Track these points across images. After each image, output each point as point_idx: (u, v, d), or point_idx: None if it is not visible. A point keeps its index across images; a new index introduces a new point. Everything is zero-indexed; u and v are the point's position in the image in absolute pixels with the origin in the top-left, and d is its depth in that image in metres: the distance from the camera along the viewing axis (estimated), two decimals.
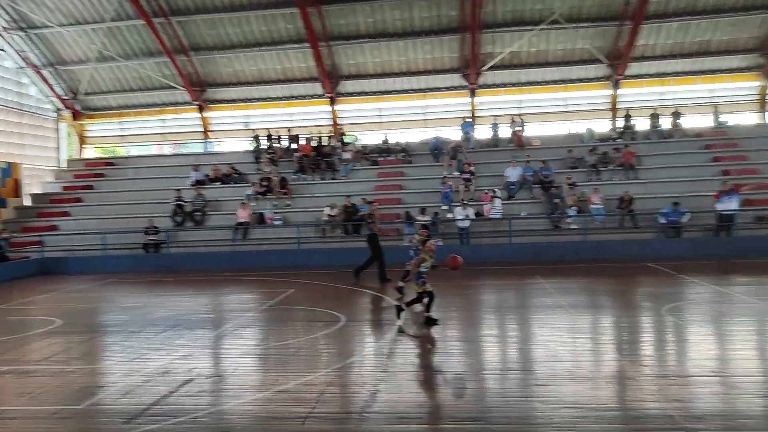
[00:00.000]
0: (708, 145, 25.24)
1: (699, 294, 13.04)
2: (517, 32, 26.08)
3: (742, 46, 26.25)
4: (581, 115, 28.05)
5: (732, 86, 27.49)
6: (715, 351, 8.50)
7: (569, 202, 22.28)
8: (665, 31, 25.72)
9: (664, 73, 27.36)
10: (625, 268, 17.49)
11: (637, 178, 23.87)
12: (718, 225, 20.92)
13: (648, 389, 6.66)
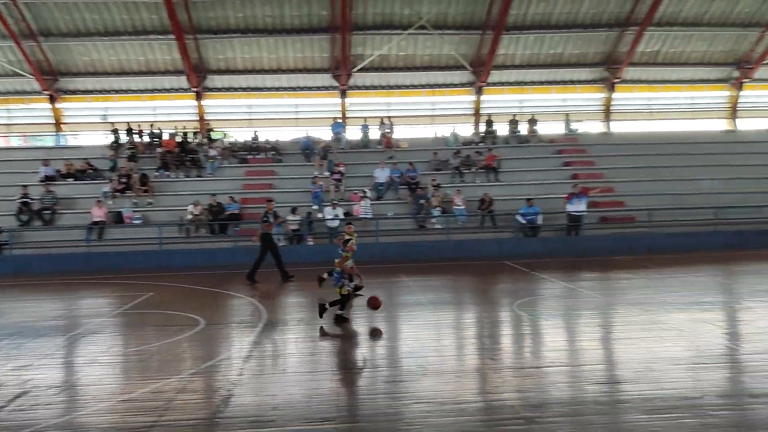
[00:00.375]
0: (560, 150, 27.13)
1: (548, 290, 13.94)
2: (387, 35, 26.61)
3: (590, 60, 28.49)
4: (447, 119, 29.14)
5: (582, 97, 29.78)
6: (557, 343, 9.11)
7: (434, 202, 23.03)
8: (523, 42, 27.34)
9: (522, 81, 29.08)
10: (484, 265, 18.35)
11: (497, 180, 25.13)
12: (568, 225, 22.51)
13: (494, 381, 7.00)
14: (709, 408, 5.95)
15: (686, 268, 16.76)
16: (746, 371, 7.24)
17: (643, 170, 26.00)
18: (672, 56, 28.66)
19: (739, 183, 25.26)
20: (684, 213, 23.36)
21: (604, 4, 26.04)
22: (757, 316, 10.61)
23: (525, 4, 25.68)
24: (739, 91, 29.73)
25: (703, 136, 28.86)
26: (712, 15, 26.91)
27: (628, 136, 28.59)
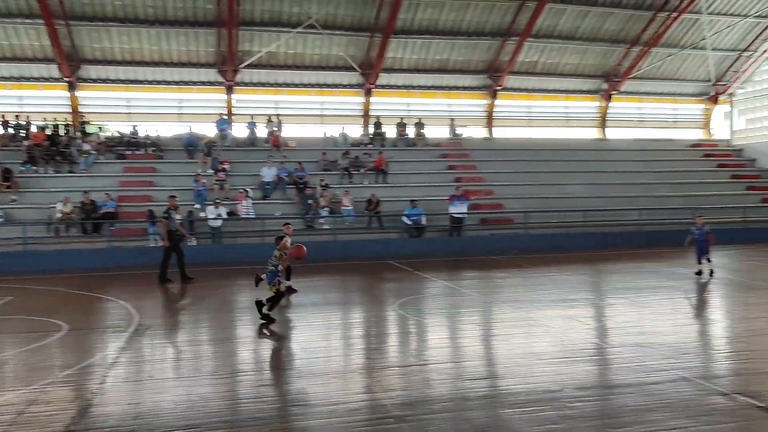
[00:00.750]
0: (445, 154, 27.90)
1: (429, 289, 14.28)
2: (275, 32, 26.17)
3: (474, 68, 29.50)
4: (336, 120, 29.08)
5: (466, 102, 30.75)
6: (433, 341, 9.34)
7: (322, 203, 22.96)
8: (411, 46, 27.84)
9: (410, 85, 29.59)
10: (370, 265, 18.52)
11: (385, 182, 25.45)
12: (451, 226, 23.19)
13: (369, 381, 7.05)
14: (567, 400, 6.30)
15: (557, 268, 17.74)
16: (604, 364, 7.74)
17: (521, 174, 27.30)
18: (549, 67, 30.25)
19: (606, 188, 27.13)
20: (556, 215, 24.76)
21: (487, 14, 27.05)
22: (617, 312, 11.42)
23: (413, 9, 26.16)
24: (607, 102, 31.89)
25: (576, 143, 30.76)
26: (584, 30, 28.70)
27: (508, 142, 29.89)
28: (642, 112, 33.23)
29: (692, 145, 32.54)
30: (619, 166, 29.06)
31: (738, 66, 31.75)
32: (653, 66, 30.93)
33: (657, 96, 32.83)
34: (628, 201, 26.14)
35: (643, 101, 32.91)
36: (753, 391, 6.46)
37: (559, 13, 27.60)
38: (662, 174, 28.95)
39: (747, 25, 29.55)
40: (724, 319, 11.07)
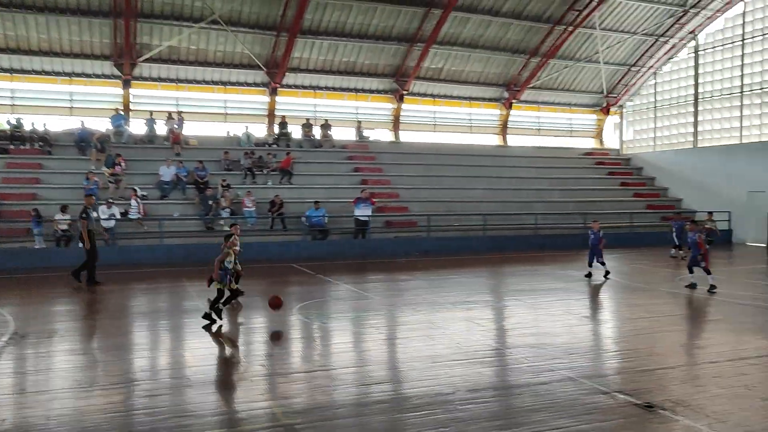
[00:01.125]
0: (351, 156, 27.91)
1: (330, 292, 14.15)
2: (176, 26, 25.23)
3: (381, 71, 29.70)
4: (240, 118, 28.43)
5: (373, 105, 30.88)
6: (330, 346, 9.22)
7: (223, 203, 22.33)
8: (318, 47, 27.65)
9: (317, 86, 29.39)
10: (271, 268, 18.17)
11: (290, 183, 25.10)
12: (356, 228, 23.18)
13: (261, 389, 6.84)
14: (459, 402, 6.36)
15: (458, 270, 18.11)
16: (497, 365, 7.90)
17: (425, 178, 27.77)
18: (453, 74, 30.94)
19: (505, 193, 28.09)
20: (458, 219, 25.32)
21: (393, 19, 27.30)
22: (512, 313, 11.76)
23: (320, 10, 25.99)
24: (508, 110, 33.03)
25: (478, 149, 31.64)
26: (487, 39, 29.58)
27: (414, 146, 30.30)
28: (540, 120, 34.64)
29: (585, 153, 34.30)
30: (518, 172, 30.16)
31: (627, 80, 33.76)
32: (551, 77, 32.34)
33: (554, 106, 34.36)
34: (525, 206, 27.16)
35: (542, 110, 34.34)
36: (632, 389, 6.79)
37: (463, 22, 28.28)
38: (557, 180, 30.32)
39: (635, 41, 31.48)
40: (610, 319, 11.65)
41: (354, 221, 22.99)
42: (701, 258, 13.61)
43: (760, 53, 27.63)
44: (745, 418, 5.89)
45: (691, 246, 14.00)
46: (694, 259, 13.82)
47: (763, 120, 27.78)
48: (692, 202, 29.93)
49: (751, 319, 10.91)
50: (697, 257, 13.72)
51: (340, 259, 20.90)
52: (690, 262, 14.04)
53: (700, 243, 13.61)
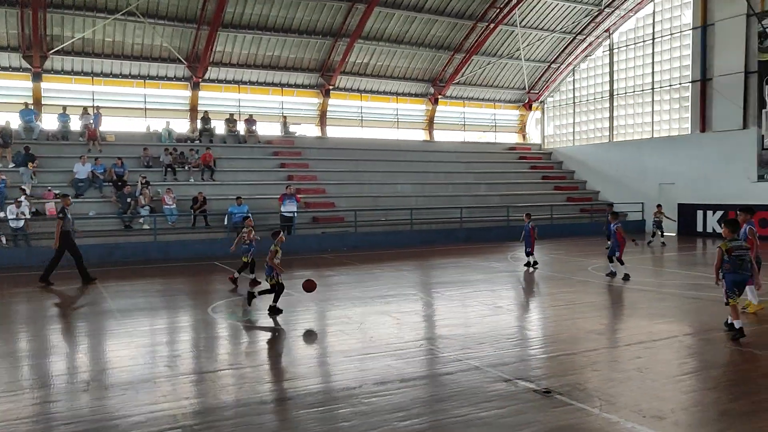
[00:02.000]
0: (277, 152, 27.60)
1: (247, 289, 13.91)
2: (90, 17, 24.23)
3: (306, 66, 29.48)
4: (160, 114, 27.63)
5: (299, 100, 30.65)
6: (240, 345, 9.10)
7: (142, 201, 21.66)
8: (241, 41, 27.17)
9: (241, 81, 28.89)
10: (192, 267, 17.79)
11: (213, 179, 24.61)
12: (282, 224, 22.91)
13: (163, 391, 6.67)
14: (364, 396, 6.39)
15: (383, 265, 18.20)
16: (406, 357, 7.95)
17: (352, 174, 27.79)
18: (379, 69, 31.06)
19: (432, 187, 28.47)
20: (385, 213, 25.49)
21: (318, 13, 27.12)
22: (428, 306, 11.91)
23: (242, 3, 25.53)
24: (434, 106, 33.44)
25: (405, 144, 31.92)
26: (412, 35, 29.83)
27: (341, 141, 30.28)
28: (465, 116, 35.25)
29: (509, 148, 35.17)
30: (445, 166, 30.62)
31: (548, 76, 34.79)
32: (475, 73, 32.94)
33: (479, 101, 35.05)
34: (452, 200, 27.61)
35: (467, 106, 34.95)
36: (532, 376, 7.01)
37: (388, 17, 28.41)
38: (483, 175, 30.96)
39: (554, 39, 32.45)
40: (522, 309, 11.97)
41: (279, 217, 22.76)
42: (617, 248, 14.28)
43: (668, 51, 29.02)
44: (633, 400, 6.18)
45: (611, 236, 14.60)
46: (614, 249, 14.45)
47: (672, 115, 29.23)
48: (609, 194, 31.19)
49: (654, 305, 11.46)
50: (615, 248, 14.37)
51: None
52: (610, 252, 14.66)
53: (619, 233, 14.27)
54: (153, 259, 19.34)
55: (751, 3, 22.03)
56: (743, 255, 8.52)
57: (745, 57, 25.29)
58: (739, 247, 8.57)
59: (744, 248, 8.62)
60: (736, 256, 8.49)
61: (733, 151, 25.61)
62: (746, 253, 8.60)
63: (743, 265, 8.52)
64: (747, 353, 7.95)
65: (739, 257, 8.50)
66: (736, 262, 8.48)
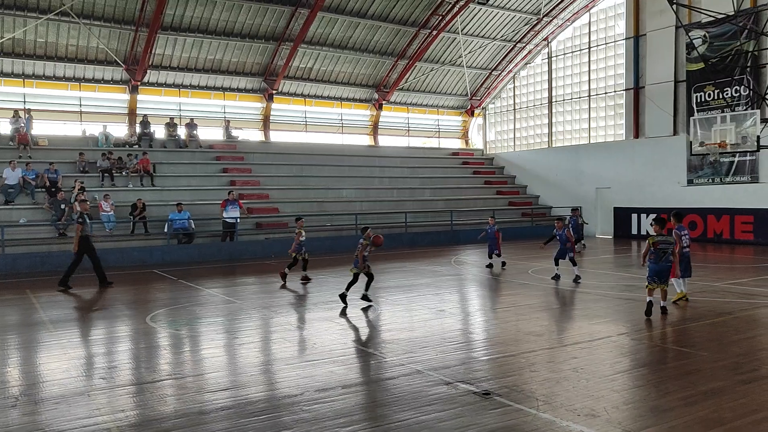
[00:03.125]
0: (219, 156, 27.19)
1: (191, 298, 13.64)
2: (21, 17, 23.30)
3: (249, 70, 29.15)
4: (97, 117, 26.81)
5: (241, 105, 30.26)
6: (181, 354, 8.91)
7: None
8: (181, 44, 26.64)
9: (181, 84, 28.31)
10: (131, 275, 17.32)
11: (153, 185, 24.04)
12: (224, 231, 22.61)
13: (97, 403, 6.47)
14: (306, 403, 6.36)
15: (327, 270, 18.16)
16: (349, 363, 7.98)
17: (296, 179, 27.64)
18: (323, 74, 31.00)
19: (377, 192, 28.59)
20: (330, 218, 25.44)
21: (260, 17, 26.87)
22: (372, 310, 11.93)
23: (182, 5, 25.04)
24: (379, 111, 33.60)
25: (349, 149, 31.93)
26: (356, 41, 29.91)
27: (285, 146, 30.05)
28: (410, 121, 35.55)
29: (452, 153, 35.66)
30: (389, 171, 30.82)
31: (489, 83, 35.47)
32: (418, 79, 33.29)
33: (422, 107, 35.42)
34: (397, 204, 27.80)
35: (411, 111, 35.26)
36: (472, 378, 7.13)
37: (331, 22, 28.40)
38: (426, 179, 31.29)
39: (495, 47, 33.11)
40: (465, 312, 12.16)
41: (222, 223, 22.42)
42: (569, 250, 14.82)
43: (604, 60, 30.04)
44: (569, 399, 6.36)
45: (561, 241, 15.13)
46: (562, 252, 14.89)
47: (607, 122, 30.25)
48: (548, 198, 32.01)
49: (590, 306, 11.82)
50: (564, 251, 14.85)
51: (207, 263, 20.32)
52: (557, 255, 15.11)
53: (569, 237, 14.85)
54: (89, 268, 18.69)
55: (679, 15, 23.04)
56: (666, 248, 10.16)
57: (675, 67, 26.42)
58: (663, 242, 10.18)
59: (668, 242, 10.17)
60: (660, 249, 10.11)
61: (664, 156, 26.68)
62: (669, 248, 10.23)
63: (665, 257, 10.14)
64: (676, 351, 8.31)
65: (662, 250, 10.14)
66: (659, 254, 10.03)
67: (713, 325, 9.92)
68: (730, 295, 12.57)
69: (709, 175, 25.29)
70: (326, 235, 24.64)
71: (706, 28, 24.39)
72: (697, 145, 20.98)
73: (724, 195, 24.64)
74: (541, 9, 30.87)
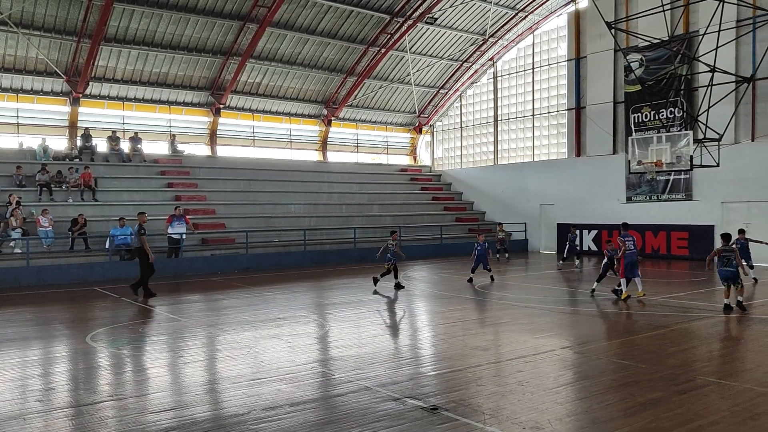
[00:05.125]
0: (163, 171, 26.65)
1: (134, 316, 13.29)
2: None
3: (196, 84, 28.76)
4: (36, 130, 25.93)
5: (188, 119, 29.77)
6: (123, 374, 8.66)
7: (14, 223, 20.15)
8: (126, 56, 26.07)
9: (125, 97, 27.68)
10: (69, 293, 16.74)
11: (94, 199, 23.37)
12: (169, 247, 22.11)
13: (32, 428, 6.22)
14: (252, 422, 6.28)
15: (274, 287, 17.98)
16: (297, 381, 7.90)
17: (243, 194, 27.34)
18: (272, 89, 30.84)
19: (325, 208, 28.55)
20: (278, 234, 25.25)
21: (208, 31, 26.58)
22: (320, 327, 11.88)
23: (126, 17, 24.55)
24: (328, 127, 33.62)
25: (298, 165, 31.81)
26: (305, 57, 29.92)
27: (232, 161, 29.71)
28: (359, 137, 35.69)
29: (401, 169, 35.97)
30: (338, 187, 30.83)
31: (437, 101, 36.01)
32: (367, 96, 33.52)
33: (371, 123, 35.63)
34: (345, 220, 27.80)
35: (360, 128, 35.42)
36: (420, 394, 7.18)
37: (280, 38, 28.35)
38: (375, 195, 31.43)
39: (443, 66, 33.69)
40: (412, 327, 12.24)
41: (167, 239, 21.93)
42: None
43: (547, 80, 30.95)
44: (514, 412, 6.48)
45: (479, 255, 17.96)
46: (482, 259, 17.72)
47: (551, 140, 31.11)
48: (494, 214, 32.60)
49: (535, 320, 12.08)
50: (483, 261, 17.64)
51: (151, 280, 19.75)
52: (475, 265, 17.82)
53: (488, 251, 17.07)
54: (25, 286, 18.01)
55: (617, 39, 23.99)
56: (729, 256, 12.25)
57: (614, 88, 27.44)
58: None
59: (730, 251, 12.34)
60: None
61: (604, 174, 27.59)
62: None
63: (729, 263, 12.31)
64: (616, 363, 8.57)
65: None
66: (722, 260, 12.36)
67: (651, 338, 10.28)
68: (667, 309, 13.05)
69: (647, 193, 26.28)
70: (274, 250, 24.42)
71: (642, 52, 25.46)
72: (635, 163, 21.76)
73: (660, 212, 25.63)
74: (486, 30, 31.61)
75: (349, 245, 26.28)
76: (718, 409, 6.56)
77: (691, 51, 23.76)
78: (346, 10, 27.99)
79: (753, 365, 8.61)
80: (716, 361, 8.78)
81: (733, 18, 22.16)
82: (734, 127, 22.85)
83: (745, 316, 11.95)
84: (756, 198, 22.78)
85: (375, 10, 28.47)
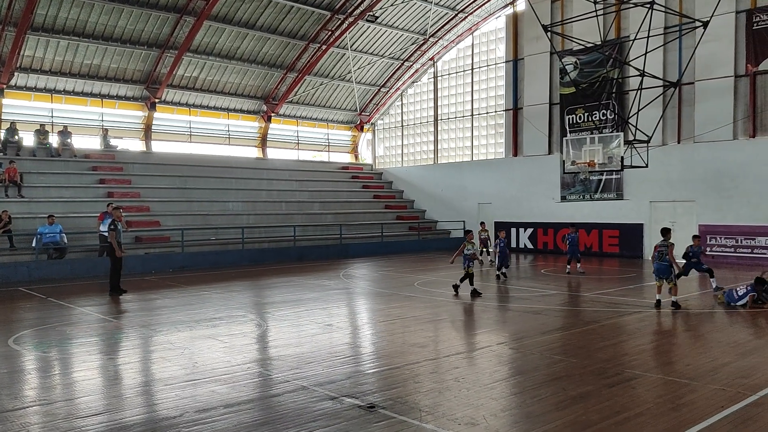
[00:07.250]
0: (95, 166, 25.73)
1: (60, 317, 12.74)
2: None
3: (130, 77, 27.85)
4: None
5: (121, 113, 28.81)
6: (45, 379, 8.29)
7: None
8: (54, 46, 25.00)
9: (54, 89, 26.54)
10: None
11: (20, 195, 22.33)
12: (101, 245, 21.33)
13: None
14: (185, 425, 6.12)
15: (211, 285, 17.61)
16: (231, 382, 7.75)
17: (179, 191, 26.68)
18: (210, 84, 30.20)
19: (264, 205, 28.18)
20: (215, 232, 24.76)
21: (143, 22, 25.78)
22: (257, 327, 11.71)
23: (56, 5, 23.51)
24: (267, 123, 33.17)
25: (236, 161, 31.27)
26: (244, 51, 29.42)
27: (167, 157, 28.92)
28: (299, 134, 35.39)
29: (342, 167, 35.88)
30: (278, 185, 30.51)
31: (378, 99, 36.09)
32: (308, 93, 33.27)
33: (312, 121, 35.39)
34: (285, 218, 27.52)
35: (300, 125, 35.12)
36: (357, 392, 7.17)
37: (219, 32, 27.79)
38: (316, 193, 31.26)
39: (384, 64, 33.79)
40: (351, 325, 12.22)
41: (98, 238, 21.16)
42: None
43: (486, 81, 31.49)
44: (450, 409, 6.55)
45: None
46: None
47: (489, 140, 31.66)
48: (434, 213, 32.97)
49: (473, 317, 12.26)
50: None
51: (81, 279, 19.10)
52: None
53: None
54: None
55: (553, 42, 24.61)
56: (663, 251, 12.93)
57: (550, 90, 28.16)
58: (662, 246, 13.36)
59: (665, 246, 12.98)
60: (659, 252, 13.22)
61: (540, 174, 28.29)
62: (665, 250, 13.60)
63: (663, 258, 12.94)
64: (549, 358, 8.79)
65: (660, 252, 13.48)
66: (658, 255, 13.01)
67: (582, 333, 10.60)
68: (598, 305, 13.50)
69: (580, 192, 27.09)
70: (210, 249, 23.95)
71: (577, 55, 26.22)
72: (569, 163, 22.39)
73: (593, 210, 26.47)
74: (427, 30, 31.88)
75: (288, 243, 26.03)
76: (644, 401, 6.81)
77: (622, 55, 24.62)
78: (287, 6, 27.68)
79: (677, 358, 9.00)
80: (643, 355, 9.13)
81: (661, 25, 23.07)
82: (662, 129, 23.82)
83: (672, 311, 12.48)
84: (681, 198, 23.84)
85: (316, 6, 28.27)
